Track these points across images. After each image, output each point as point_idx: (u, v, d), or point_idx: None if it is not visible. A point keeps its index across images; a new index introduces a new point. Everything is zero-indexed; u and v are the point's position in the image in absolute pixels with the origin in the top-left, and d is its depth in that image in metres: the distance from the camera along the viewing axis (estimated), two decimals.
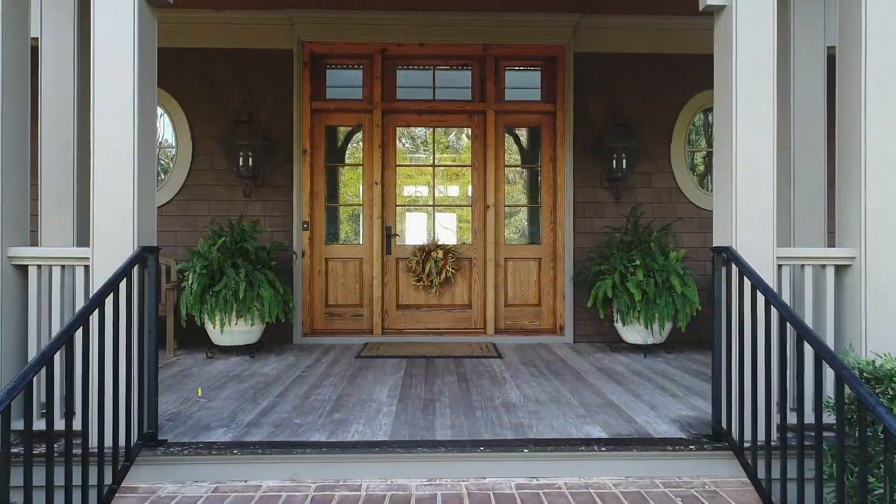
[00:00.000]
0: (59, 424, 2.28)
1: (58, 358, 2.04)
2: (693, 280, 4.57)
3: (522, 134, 5.80)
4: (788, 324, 2.17)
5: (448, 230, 5.71)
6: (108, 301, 2.32)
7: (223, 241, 4.48)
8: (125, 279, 2.41)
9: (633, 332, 4.70)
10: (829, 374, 2.03)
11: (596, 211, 5.38)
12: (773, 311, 2.33)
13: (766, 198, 2.63)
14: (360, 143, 5.58)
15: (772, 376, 2.32)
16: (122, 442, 2.38)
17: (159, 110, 5.31)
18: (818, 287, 2.76)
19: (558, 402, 3.29)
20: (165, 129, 5.40)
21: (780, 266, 2.69)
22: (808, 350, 2.03)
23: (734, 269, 2.58)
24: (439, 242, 5.53)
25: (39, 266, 2.62)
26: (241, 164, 5.05)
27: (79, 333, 2.12)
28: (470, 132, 5.61)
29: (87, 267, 2.58)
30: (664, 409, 3.16)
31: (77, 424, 2.22)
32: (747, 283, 2.47)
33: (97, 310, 2.22)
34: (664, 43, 5.33)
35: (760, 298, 2.40)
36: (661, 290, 4.49)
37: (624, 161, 5.18)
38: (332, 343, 5.27)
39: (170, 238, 5.19)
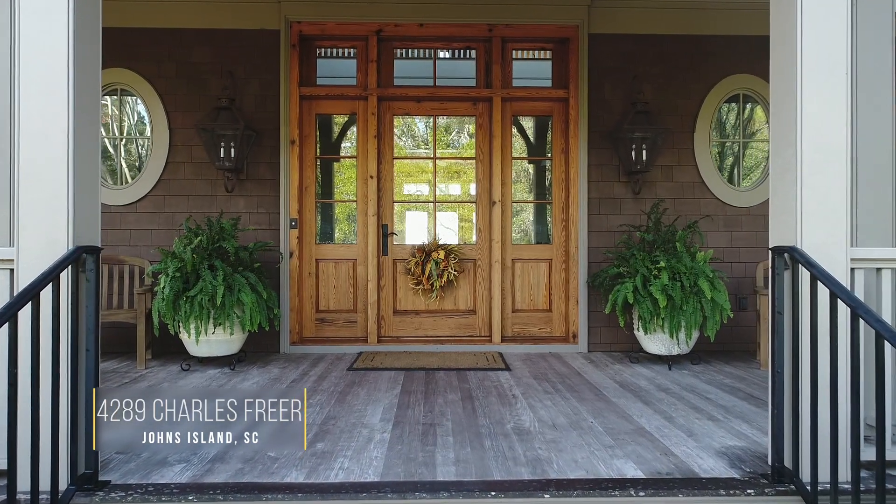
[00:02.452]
0: None
1: None
2: (723, 284, 4.09)
3: (531, 125, 5.32)
4: (887, 343, 1.70)
5: (450, 230, 5.24)
6: (26, 312, 1.85)
7: (199, 241, 4.02)
8: (52, 285, 1.95)
9: (655, 342, 4.23)
10: None
11: (612, 207, 4.90)
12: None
13: (839, 187, 2.17)
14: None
15: (860, 406, 1.85)
16: (47, 486, 1.92)
17: (138, 101, 4.86)
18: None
19: (580, 428, 2.81)
20: (144, 118, 4.94)
21: (852, 270, 2.22)
22: None
23: (802, 273, 2.11)
24: (440, 242, 5.05)
25: None
26: (222, 155, 4.58)
27: None
28: (474, 123, 5.14)
29: (12, 270, 2.12)
30: (705, 437, 2.68)
31: None
32: (823, 291, 2.00)
33: (7, 324, 1.75)
34: (688, 23, 4.85)
35: (842, 310, 1.93)
36: (689, 295, 4.01)
37: (644, 152, 4.70)
38: (323, 352, 4.79)
39: (145, 237, 4.73)
